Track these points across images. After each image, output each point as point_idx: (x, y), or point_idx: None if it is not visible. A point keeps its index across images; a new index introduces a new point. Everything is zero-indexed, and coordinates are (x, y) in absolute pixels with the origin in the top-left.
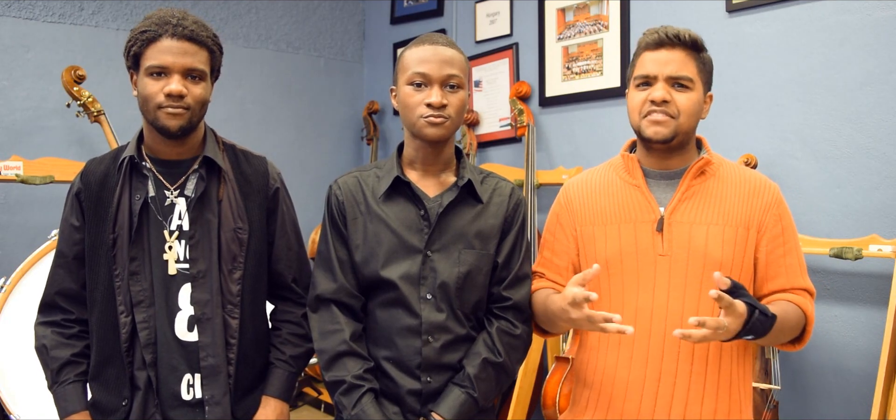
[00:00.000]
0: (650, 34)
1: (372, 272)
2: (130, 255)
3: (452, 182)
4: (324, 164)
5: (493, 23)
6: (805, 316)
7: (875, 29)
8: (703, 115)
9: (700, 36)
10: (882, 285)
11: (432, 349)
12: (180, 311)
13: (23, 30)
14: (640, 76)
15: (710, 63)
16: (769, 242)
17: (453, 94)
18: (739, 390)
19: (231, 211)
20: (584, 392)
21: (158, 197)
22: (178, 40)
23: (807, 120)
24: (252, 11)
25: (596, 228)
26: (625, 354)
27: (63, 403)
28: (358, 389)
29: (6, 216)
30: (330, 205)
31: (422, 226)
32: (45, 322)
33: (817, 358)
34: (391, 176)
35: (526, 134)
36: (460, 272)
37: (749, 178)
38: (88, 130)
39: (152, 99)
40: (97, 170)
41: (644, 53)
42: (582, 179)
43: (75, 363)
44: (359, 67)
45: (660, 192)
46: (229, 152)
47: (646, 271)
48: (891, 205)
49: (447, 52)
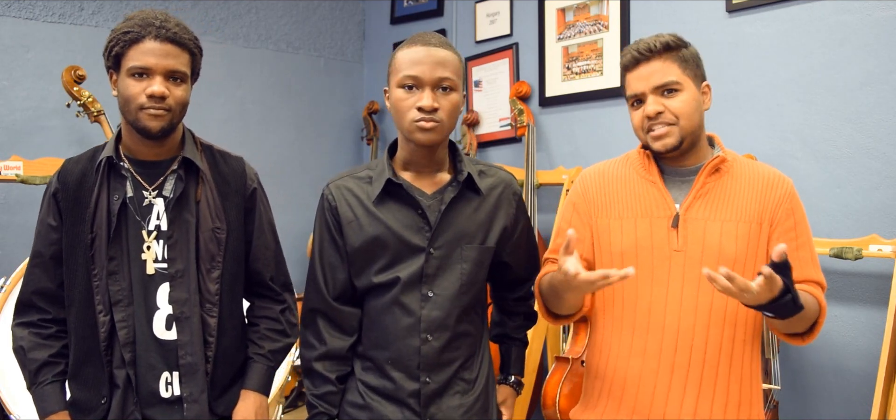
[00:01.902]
0: (625, 55)
1: (371, 274)
2: (109, 255)
3: (449, 179)
4: (324, 164)
5: (493, 23)
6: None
7: (875, 29)
8: (705, 107)
9: (673, 34)
10: (882, 285)
11: (431, 348)
12: (158, 311)
13: (23, 30)
14: (631, 96)
15: (694, 56)
16: (781, 235)
17: (445, 97)
18: (750, 387)
19: (209, 211)
20: (595, 386)
21: (136, 197)
22: (160, 42)
23: (807, 120)
24: (252, 11)
25: (611, 221)
26: (638, 349)
27: (42, 404)
28: (314, 409)
29: (6, 216)
30: (322, 210)
31: (421, 225)
32: (21, 323)
33: (817, 358)
34: (383, 178)
35: (526, 134)
36: (463, 269)
37: (763, 173)
38: (88, 130)
39: (134, 100)
40: (74, 170)
41: (627, 76)
42: (599, 170)
43: (53, 364)
44: (359, 67)
45: (675, 189)
46: (207, 153)
47: (660, 266)
48: (891, 205)
49: (440, 53)
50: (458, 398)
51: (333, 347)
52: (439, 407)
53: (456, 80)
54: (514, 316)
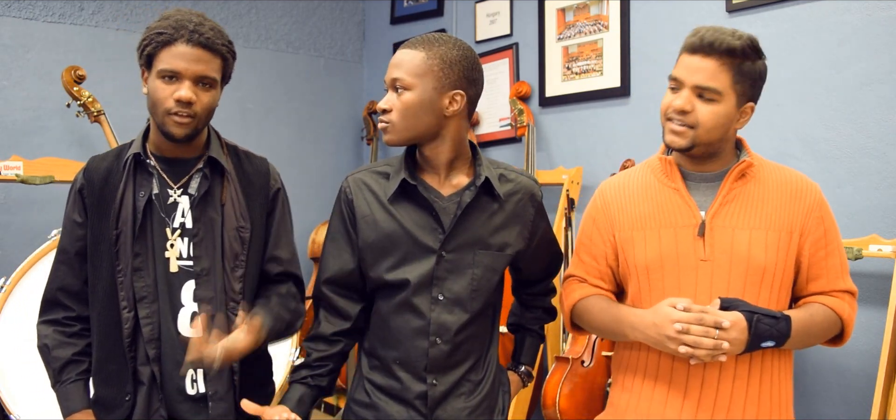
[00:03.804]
0: (693, 35)
1: (382, 271)
2: (134, 251)
3: (467, 182)
4: (324, 164)
5: (493, 23)
6: (838, 317)
7: (875, 29)
8: (738, 126)
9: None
10: (882, 285)
11: (439, 351)
12: (183, 308)
13: (23, 30)
14: (672, 77)
15: (756, 72)
16: (812, 246)
17: (399, 97)
18: (780, 392)
19: (234, 210)
20: (622, 396)
21: (162, 194)
22: (192, 47)
23: (807, 120)
24: (252, 11)
25: (635, 233)
26: (666, 359)
27: (65, 403)
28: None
29: (6, 216)
30: (339, 201)
31: (435, 226)
32: (46, 321)
33: (817, 358)
34: (399, 177)
35: (526, 134)
36: (475, 274)
37: (790, 179)
38: (88, 130)
39: (162, 104)
40: (100, 166)
41: (682, 54)
42: (618, 181)
43: (77, 362)
44: (359, 67)
45: (699, 195)
46: (232, 153)
47: (687, 276)
48: (891, 205)
49: (398, 55)
50: (463, 400)
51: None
52: (445, 408)
53: (407, 79)
54: (532, 309)
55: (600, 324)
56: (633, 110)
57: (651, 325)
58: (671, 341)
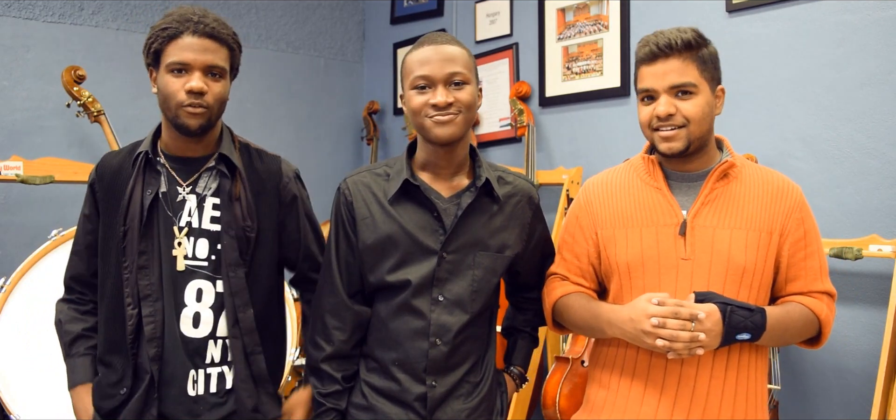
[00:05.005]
0: (643, 47)
1: (383, 273)
2: (140, 249)
3: (467, 183)
4: (324, 164)
5: (493, 23)
6: (816, 317)
7: (875, 29)
8: (717, 111)
9: (695, 30)
10: (882, 285)
11: (439, 352)
12: (186, 308)
13: (23, 30)
14: (642, 90)
15: (713, 56)
16: (791, 246)
17: (459, 91)
18: (755, 390)
19: (241, 209)
20: (599, 393)
21: (170, 193)
22: (199, 37)
23: (807, 120)
24: (252, 11)
25: (617, 231)
26: (643, 356)
27: (72, 375)
28: (321, 407)
29: (6, 216)
30: (338, 205)
31: (436, 227)
32: (63, 299)
33: (817, 358)
34: (401, 178)
35: (526, 134)
36: (475, 275)
37: (772, 180)
38: (88, 130)
39: (174, 96)
40: (112, 162)
41: (641, 68)
42: (602, 180)
43: (86, 337)
44: (359, 67)
45: (681, 195)
46: (243, 150)
47: (668, 275)
48: (891, 205)
49: (448, 50)
50: (462, 401)
51: (341, 349)
52: (444, 410)
53: (467, 73)
54: (525, 311)
55: (579, 321)
56: (633, 110)
57: (628, 320)
58: (648, 336)
